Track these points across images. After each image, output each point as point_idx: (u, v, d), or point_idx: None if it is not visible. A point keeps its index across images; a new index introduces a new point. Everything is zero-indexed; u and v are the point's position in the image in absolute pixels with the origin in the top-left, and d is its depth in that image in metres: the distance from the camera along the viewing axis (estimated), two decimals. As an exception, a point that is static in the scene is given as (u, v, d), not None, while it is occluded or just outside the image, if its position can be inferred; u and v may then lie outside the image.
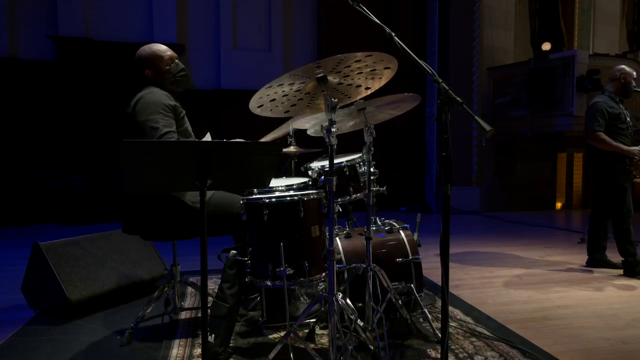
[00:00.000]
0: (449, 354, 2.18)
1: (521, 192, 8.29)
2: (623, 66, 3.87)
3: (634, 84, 3.83)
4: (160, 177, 1.66)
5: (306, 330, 2.39)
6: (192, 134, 2.52)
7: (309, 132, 2.65)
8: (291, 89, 1.97)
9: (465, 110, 1.49)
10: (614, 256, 3.95)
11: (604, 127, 3.71)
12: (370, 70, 1.99)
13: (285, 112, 2.16)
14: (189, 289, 3.30)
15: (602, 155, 3.77)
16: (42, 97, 6.82)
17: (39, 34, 6.74)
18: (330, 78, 1.96)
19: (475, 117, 1.47)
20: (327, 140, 1.85)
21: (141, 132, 2.21)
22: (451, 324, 2.57)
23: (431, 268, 3.69)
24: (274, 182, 2.41)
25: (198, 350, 2.25)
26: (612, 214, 3.79)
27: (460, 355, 2.19)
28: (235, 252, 2.21)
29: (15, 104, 6.68)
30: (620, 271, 3.77)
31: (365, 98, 2.24)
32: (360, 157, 2.52)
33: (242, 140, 2.34)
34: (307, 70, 1.85)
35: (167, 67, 2.41)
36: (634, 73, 3.86)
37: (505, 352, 2.21)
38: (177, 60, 2.46)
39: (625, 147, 3.66)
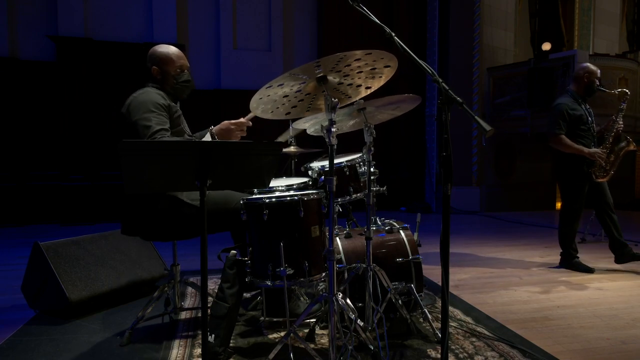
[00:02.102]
0: (449, 354, 2.18)
1: (521, 192, 8.30)
2: (587, 64, 3.82)
3: (598, 82, 3.78)
4: (161, 177, 1.66)
5: (306, 330, 2.38)
6: (189, 134, 2.53)
7: (309, 132, 2.65)
8: (292, 89, 1.97)
9: (465, 110, 1.49)
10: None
11: (566, 129, 3.70)
12: (370, 69, 1.99)
13: (286, 114, 2.15)
14: (189, 289, 3.30)
15: (562, 158, 3.79)
16: (42, 97, 6.82)
17: (39, 34, 6.74)
18: (330, 78, 1.96)
19: (475, 117, 1.47)
20: (327, 140, 1.85)
21: (134, 132, 2.23)
22: (451, 324, 2.57)
23: (431, 268, 3.69)
24: (274, 182, 2.41)
25: (198, 350, 2.25)
26: (561, 209, 3.89)
27: (460, 355, 2.18)
28: (235, 252, 2.21)
29: (15, 104, 6.68)
30: (622, 272, 3.76)
31: (366, 98, 2.24)
32: (360, 157, 2.52)
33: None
34: (306, 70, 1.85)
35: (174, 73, 2.45)
36: (599, 72, 3.80)
37: (505, 352, 2.21)
38: (186, 71, 2.50)
39: (586, 150, 3.64)
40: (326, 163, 2.49)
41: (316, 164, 2.55)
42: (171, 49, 2.48)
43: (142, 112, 2.23)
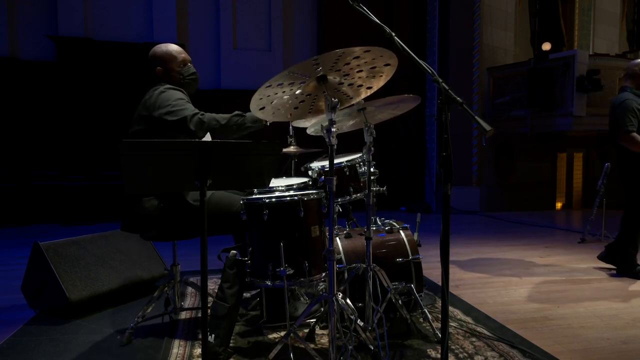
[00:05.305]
0: (449, 354, 2.18)
1: (521, 192, 8.29)
2: (639, 60, 3.70)
3: None
4: (161, 177, 1.66)
5: (306, 330, 2.38)
6: None
7: (308, 132, 2.65)
8: (291, 89, 1.97)
9: (465, 110, 1.49)
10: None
11: (637, 126, 3.49)
12: (370, 68, 1.99)
13: (287, 115, 2.15)
14: (189, 289, 3.30)
15: (633, 158, 3.55)
16: (42, 97, 6.82)
17: (39, 34, 6.74)
18: (330, 77, 1.96)
19: (475, 117, 1.47)
20: (327, 140, 1.85)
21: (161, 123, 2.21)
22: (451, 324, 2.57)
23: (431, 268, 3.69)
24: (274, 182, 2.41)
25: (198, 350, 2.25)
26: (631, 213, 3.63)
27: (460, 355, 2.18)
28: (235, 252, 2.21)
29: (15, 104, 6.68)
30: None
31: (366, 98, 2.24)
32: (360, 157, 2.52)
33: None
34: (306, 68, 1.84)
35: (179, 69, 2.44)
36: None
37: (505, 352, 2.21)
38: (189, 64, 2.50)
39: None
40: (326, 163, 2.49)
41: (316, 164, 2.55)
42: (170, 46, 2.47)
43: (174, 99, 2.23)
